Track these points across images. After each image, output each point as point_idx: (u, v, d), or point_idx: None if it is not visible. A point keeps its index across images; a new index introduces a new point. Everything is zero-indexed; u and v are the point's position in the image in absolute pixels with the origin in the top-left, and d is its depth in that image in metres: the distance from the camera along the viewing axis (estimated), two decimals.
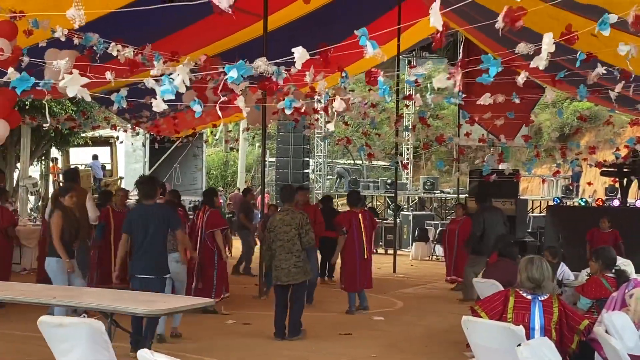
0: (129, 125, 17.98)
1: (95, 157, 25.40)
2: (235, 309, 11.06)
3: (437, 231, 21.16)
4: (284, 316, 9.39)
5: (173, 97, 6.16)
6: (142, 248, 8.18)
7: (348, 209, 12.18)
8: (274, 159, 27.81)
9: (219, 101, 6.31)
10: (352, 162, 35.65)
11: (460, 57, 18.79)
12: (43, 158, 24.47)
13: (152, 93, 6.44)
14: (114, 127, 18.56)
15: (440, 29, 5.17)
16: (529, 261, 5.76)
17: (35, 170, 24.63)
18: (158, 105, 6.17)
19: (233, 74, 6.03)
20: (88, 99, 6.37)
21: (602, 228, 13.50)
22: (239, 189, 28.49)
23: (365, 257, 11.52)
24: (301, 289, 9.51)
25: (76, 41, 8.23)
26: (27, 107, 15.84)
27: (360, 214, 11.65)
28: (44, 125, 8.64)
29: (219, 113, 6.42)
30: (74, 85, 6.05)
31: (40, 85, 6.49)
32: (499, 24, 5.17)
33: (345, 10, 13.69)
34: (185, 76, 6.04)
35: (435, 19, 5.04)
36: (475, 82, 6.61)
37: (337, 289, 12.50)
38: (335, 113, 8.64)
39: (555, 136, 15.31)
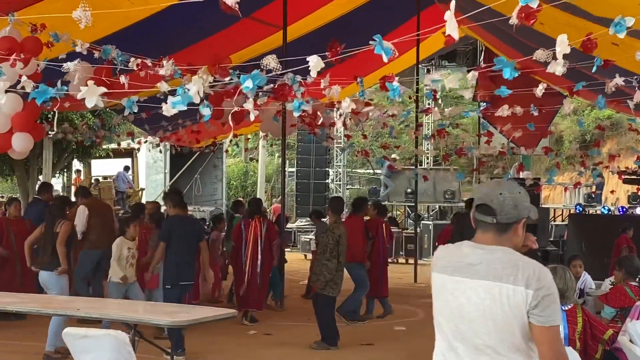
0: (150, 138, 18.06)
1: (127, 168, 25.52)
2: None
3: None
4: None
5: (185, 109, 6.18)
6: (184, 257, 8.71)
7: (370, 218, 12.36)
8: (293, 169, 27.84)
9: (232, 112, 6.32)
10: (371, 171, 35.63)
11: (479, 65, 18.76)
12: (65, 170, 24.67)
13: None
14: (139, 142, 18.63)
15: (456, 37, 5.16)
16: (552, 271, 5.70)
17: (57, 182, 24.84)
18: (168, 110, 6.20)
19: (248, 84, 6.06)
20: (101, 104, 6.41)
21: (630, 234, 13.47)
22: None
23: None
24: None
25: (96, 55, 8.30)
26: (49, 120, 15.98)
27: (383, 224, 12.12)
28: (49, 132, 8.70)
29: (231, 123, 6.42)
30: (91, 96, 6.09)
31: (53, 92, 6.53)
32: (513, 20, 5.15)
33: (364, 20, 13.73)
34: (200, 87, 6.07)
35: (451, 27, 5.05)
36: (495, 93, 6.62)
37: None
38: (349, 115, 8.65)
39: (576, 148, 15.22)
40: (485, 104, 13.51)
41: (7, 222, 10.99)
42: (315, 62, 5.94)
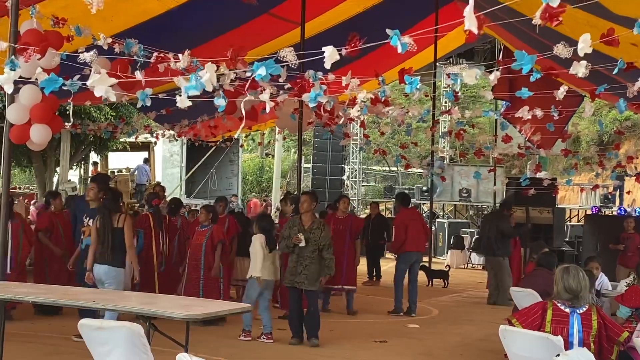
0: (167, 132, 18.12)
1: (146, 160, 25.60)
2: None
3: (473, 239, 21.09)
4: None
5: (198, 93, 6.17)
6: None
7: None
8: (309, 165, 27.86)
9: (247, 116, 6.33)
10: (387, 168, 35.61)
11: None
12: (82, 162, 24.82)
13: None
14: (156, 136, 18.61)
15: (476, 32, 5.14)
16: (565, 271, 5.63)
17: (74, 174, 24.99)
18: (182, 102, 6.21)
19: (261, 71, 6.05)
20: (113, 98, 6.44)
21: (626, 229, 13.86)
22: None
23: None
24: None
25: (117, 49, 8.33)
26: (67, 113, 16.05)
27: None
28: (66, 123, 8.72)
29: (242, 111, 6.40)
30: (101, 85, 6.11)
31: (66, 83, 6.56)
32: (537, 20, 5.11)
33: (382, 18, 13.71)
34: (212, 74, 6.06)
35: (470, 22, 5.03)
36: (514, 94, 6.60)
37: (372, 295, 12.45)
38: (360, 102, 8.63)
39: (596, 150, 15.15)
40: (505, 104, 13.50)
41: (54, 216, 10.97)
42: (330, 53, 5.93)
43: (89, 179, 11.02)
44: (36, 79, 6.61)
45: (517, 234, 14.29)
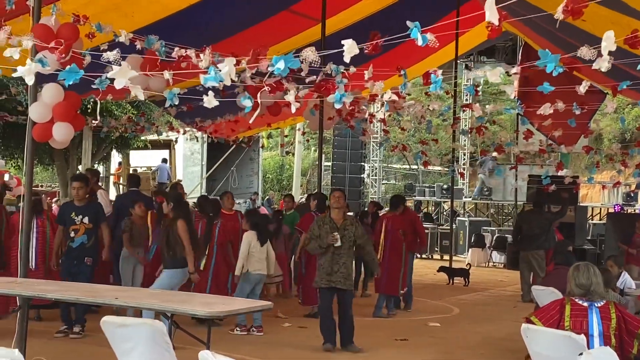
0: (187, 128, 18.17)
1: (164, 160, 25.77)
2: (289, 313, 11.08)
3: (494, 237, 21.00)
4: None
5: (217, 85, 6.18)
6: None
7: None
8: (329, 163, 27.84)
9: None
10: (407, 166, 35.51)
11: (519, 61, 18.57)
12: (104, 160, 24.96)
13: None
14: (172, 129, 18.69)
15: (497, 23, 5.12)
16: (575, 268, 5.81)
17: None
18: (209, 102, 6.21)
19: (280, 65, 6.04)
20: (142, 97, 6.45)
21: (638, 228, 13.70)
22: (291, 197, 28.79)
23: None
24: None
25: (138, 46, 8.37)
26: (89, 111, 16.13)
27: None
28: (93, 120, 8.78)
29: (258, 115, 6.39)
30: (121, 77, 6.11)
31: (95, 84, 6.59)
32: (559, 14, 5.06)
33: (404, 15, 13.64)
34: (232, 68, 6.06)
35: (491, 13, 5.01)
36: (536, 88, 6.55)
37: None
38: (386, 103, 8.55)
39: (618, 147, 15.03)
40: (518, 100, 13.48)
41: None
42: (349, 45, 5.90)
43: (71, 178, 11.01)
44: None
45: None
